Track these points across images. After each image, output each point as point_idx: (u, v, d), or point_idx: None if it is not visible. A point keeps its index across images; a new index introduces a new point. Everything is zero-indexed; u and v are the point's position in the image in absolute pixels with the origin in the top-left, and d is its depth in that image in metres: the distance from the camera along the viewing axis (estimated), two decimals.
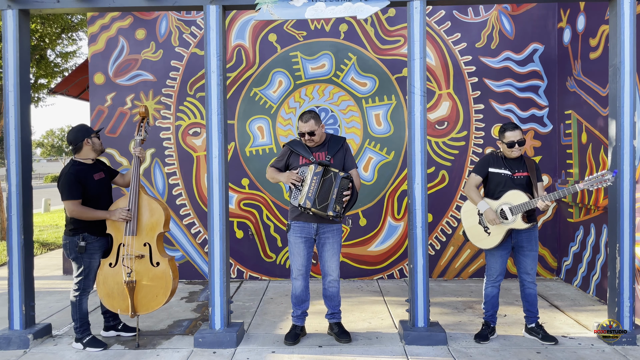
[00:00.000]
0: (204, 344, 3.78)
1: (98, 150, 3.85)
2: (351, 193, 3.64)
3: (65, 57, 9.32)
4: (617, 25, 3.78)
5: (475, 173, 3.82)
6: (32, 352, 3.74)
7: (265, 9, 3.86)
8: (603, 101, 4.72)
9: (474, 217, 3.83)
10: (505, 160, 3.76)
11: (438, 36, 5.79)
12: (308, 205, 3.58)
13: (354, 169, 3.83)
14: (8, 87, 3.94)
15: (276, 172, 3.87)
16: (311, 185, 3.59)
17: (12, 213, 3.90)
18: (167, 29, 5.88)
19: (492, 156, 3.82)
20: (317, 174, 3.61)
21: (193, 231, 5.91)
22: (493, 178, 3.77)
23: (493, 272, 3.82)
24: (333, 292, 3.89)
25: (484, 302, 3.89)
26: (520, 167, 3.74)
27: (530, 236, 3.75)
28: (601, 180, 3.44)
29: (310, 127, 3.73)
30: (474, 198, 3.78)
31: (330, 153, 3.79)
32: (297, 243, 3.81)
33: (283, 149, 3.94)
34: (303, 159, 3.79)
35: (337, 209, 3.57)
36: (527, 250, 3.76)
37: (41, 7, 3.94)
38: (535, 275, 3.81)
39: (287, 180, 3.72)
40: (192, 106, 5.89)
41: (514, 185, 3.68)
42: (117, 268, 3.72)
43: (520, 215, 3.61)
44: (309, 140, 3.77)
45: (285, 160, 3.88)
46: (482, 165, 3.81)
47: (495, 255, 3.79)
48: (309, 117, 3.75)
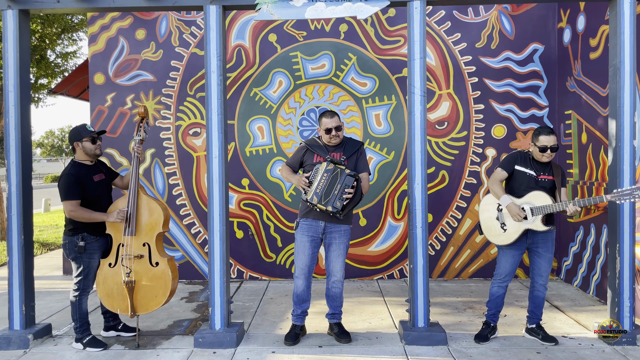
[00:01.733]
0: (204, 344, 3.78)
1: (90, 155, 3.78)
2: (355, 192, 3.63)
3: (65, 58, 9.33)
4: (617, 25, 3.78)
5: (502, 168, 3.79)
6: (32, 352, 3.74)
7: (265, 9, 3.86)
8: (603, 101, 4.72)
9: (491, 212, 3.79)
10: (533, 162, 3.73)
11: (438, 36, 5.79)
12: (315, 200, 3.62)
13: (365, 172, 3.84)
14: (8, 87, 3.94)
15: (290, 173, 3.91)
16: (320, 181, 3.62)
17: (12, 213, 3.90)
18: (167, 29, 5.88)
19: (521, 154, 3.79)
20: (327, 171, 3.64)
21: (193, 231, 5.91)
22: (517, 176, 3.74)
23: (502, 272, 3.79)
24: (336, 293, 3.89)
25: (488, 300, 3.89)
26: (546, 170, 3.70)
27: (546, 238, 3.72)
28: (632, 194, 3.34)
29: (337, 122, 3.77)
30: (497, 192, 3.73)
31: (345, 154, 3.81)
32: (303, 241, 3.81)
33: (299, 146, 3.97)
34: (318, 157, 3.82)
35: (337, 204, 3.58)
36: (542, 251, 3.73)
37: (41, 7, 3.94)
38: (547, 279, 3.77)
39: (298, 183, 3.75)
40: (192, 106, 5.89)
41: (537, 187, 3.65)
42: (116, 268, 3.72)
43: (541, 217, 3.58)
44: (335, 136, 3.77)
45: (301, 157, 3.90)
46: (510, 161, 3.78)
47: (507, 254, 3.76)
48: (334, 113, 3.81)
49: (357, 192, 3.66)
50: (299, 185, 3.73)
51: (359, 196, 3.69)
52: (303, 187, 3.70)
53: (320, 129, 3.83)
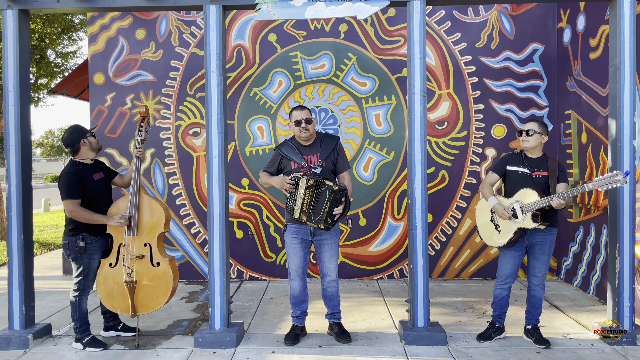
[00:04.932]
0: (204, 344, 3.78)
1: (95, 148, 3.85)
2: (344, 204, 3.58)
3: (65, 57, 9.32)
4: (617, 25, 3.78)
5: (493, 171, 3.82)
6: (32, 352, 3.74)
7: (265, 9, 3.86)
8: (603, 101, 4.72)
9: (486, 215, 3.82)
10: (525, 159, 3.73)
11: (438, 36, 5.79)
12: (303, 219, 3.61)
13: (345, 171, 3.79)
14: (8, 87, 3.94)
15: (268, 177, 3.81)
16: (305, 199, 3.55)
17: (12, 213, 3.90)
18: (167, 29, 5.88)
19: (512, 155, 3.81)
20: (309, 187, 3.55)
21: (193, 231, 5.91)
22: (510, 176, 3.75)
23: (503, 273, 3.79)
24: (332, 292, 3.88)
25: (492, 302, 3.89)
26: (541, 166, 3.69)
27: (545, 239, 3.69)
28: (612, 181, 3.34)
29: (307, 114, 3.71)
30: (486, 194, 3.77)
31: (322, 156, 3.72)
32: (293, 244, 3.79)
33: (273, 153, 3.87)
34: (294, 164, 3.74)
35: (329, 221, 3.58)
36: (538, 253, 3.71)
37: (41, 7, 3.94)
38: (543, 280, 3.76)
39: (280, 186, 3.66)
40: (192, 106, 5.89)
41: (533, 184, 3.64)
42: (117, 268, 3.72)
43: (530, 214, 3.58)
44: (304, 129, 3.68)
45: (277, 164, 3.83)
46: (500, 163, 3.80)
47: (507, 255, 3.76)
48: (304, 107, 3.77)
49: (346, 203, 3.60)
50: (282, 187, 3.65)
51: (348, 205, 3.64)
52: (288, 189, 3.61)
53: (291, 124, 3.74)
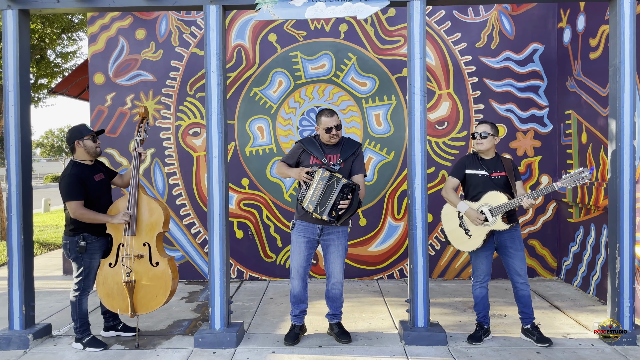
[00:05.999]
0: (204, 344, 3.78)
1: (92, 153, 3.80)
2: (351, 201, 3.56)
3: (65, 57, 9.32)
4: (617, 25, 3.78)
5: (452, 176, 3.81)
6: (32, 352, 3.74)
7: (265, 9, 3.86)
8: (603, 101, 4.72)
9: (454, 221, 3.82)
10: (481, 162, 3.75)
11: (438, 36, 5.79)
12: (310, 209, 3.59)
13: (360, 174, 3.77)
14: (8, 87, 3.94)
15: (286, 168, 3.82)
16: (316, 189, 3.57)
17: (12, 213, 3.90)
18: (167, 29, 5.88)
19: (468, 158, 3.83)
20: (323, 178, 3.57)
21: (193, 231, 5.91)
22: (470, 180, 3.76)
23: (480, 273, 3.80)
24: (336, 294, 3.88)
25: (475, 305, 3.87)
26: (497, 167, 3.73)
27: (512, 236, 3.71)
28: (578, 178, 3.41)
29: (337, 121, 3.71)
30: (453, 200, 3.77)
31: (342, 157, 3.74)
32: (299, 242, 3.80)
33: (295, 145, 3.89)
34: (314, 159, 3.75)
35: (333, 214, 3.56)
36: (512, 250, 3.71)
37: (41, 7, 3.94)
38: (526, 276, 3.76)
39: (298, 176, 3.67)
40: (192, 106, 5.89)
41: (494, 185, 3.67)
42: (116, 268, 3.72)
43: (500, 216, 3.60)
44: (335, 135, 3.71)
45: (297, 158, 3.83)
46: (458, 167, 3.81)
47: (480, 257, 3.77)
48: (333, 111, 3.74)
49: (354, 200, 3.58)
50: (299, 178, 3.66)
51: (357, 204, 3.61)
52: (304, 180, 3.62)
53: (319, 127, 3.75)
